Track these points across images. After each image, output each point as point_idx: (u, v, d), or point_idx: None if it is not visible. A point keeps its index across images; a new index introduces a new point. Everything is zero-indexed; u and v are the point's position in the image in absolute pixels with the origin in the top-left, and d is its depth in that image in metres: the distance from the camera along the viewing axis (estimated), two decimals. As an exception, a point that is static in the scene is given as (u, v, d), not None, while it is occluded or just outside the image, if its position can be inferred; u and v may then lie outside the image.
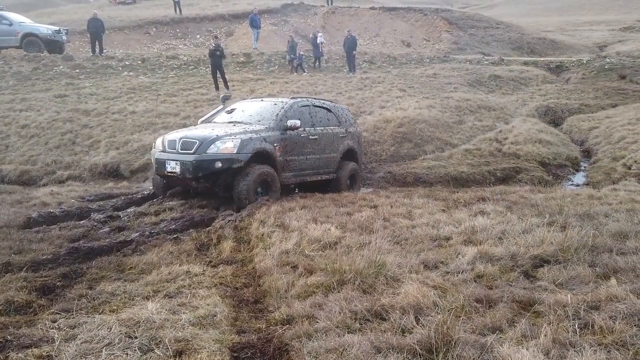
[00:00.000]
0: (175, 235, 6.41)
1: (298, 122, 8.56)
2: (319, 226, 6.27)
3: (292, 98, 9.48)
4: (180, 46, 29.96)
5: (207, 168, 7.44)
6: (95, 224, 7.17)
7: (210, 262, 5.44)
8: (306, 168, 9.11)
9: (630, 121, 12.93)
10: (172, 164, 7.60)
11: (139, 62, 21.66)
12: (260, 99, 9.89)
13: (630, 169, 10.13)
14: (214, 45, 16.80)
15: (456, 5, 71.23)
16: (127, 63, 21.34)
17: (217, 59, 16.60)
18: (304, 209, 7.33)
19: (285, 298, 4.25)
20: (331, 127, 9.73)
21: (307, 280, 4.57)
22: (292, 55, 20.75)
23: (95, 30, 21.57)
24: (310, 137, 9.09)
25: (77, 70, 19.75)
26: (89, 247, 5.86)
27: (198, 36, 31.74)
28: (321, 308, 3.91)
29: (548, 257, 4.78)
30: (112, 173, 11.48)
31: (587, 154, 12.25)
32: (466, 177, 10.56)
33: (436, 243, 5.63)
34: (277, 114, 8.62)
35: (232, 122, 8.75)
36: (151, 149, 8.74)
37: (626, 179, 9.54)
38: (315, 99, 10.53)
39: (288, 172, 8.68)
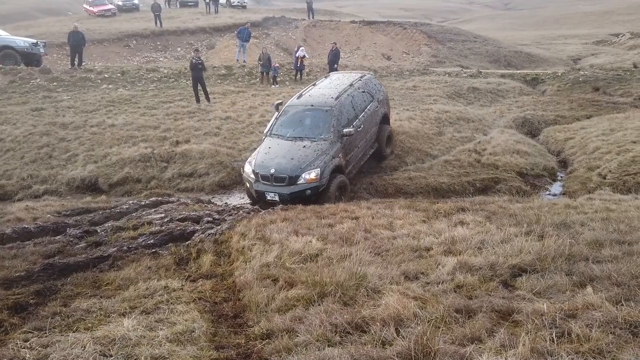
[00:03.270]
0: (153, 250, 6.31)
1: (352, 130, 10.09)
2: (300, 238, 6.24)
3: (336, 99, 10.46)
4: (160, 59, 29.82)
5: (300, 196, 9.18)
6: (71, 239, 7.02)
7: (190, 276, 5.36)
8: (359, 156, 10.84)
9: (604, 132, 13.24)
10: (271, 194, 9.37)
11: (119, 74, 21.47)
12: (311, 105, 10.62)
13: (605, 178, 10.36)
14: (195, 57, 16.75)
15: (435, 19, 72.52)
16: (106, 76, 21.12)
17: (198, 71, 16.55)
18: (285, 221, 7.30)
19: (265, 312, 4.21)
20: (369, 107, 11.29)
21: (287, 294, 4.53)
22: (269, 67, 20.78)
23: (76, 43, 21.33)
24: (358, 129, 10.49)
25: (54, 83, 19.47)
26: (64, 263, 5.73)
27: (179, 49, 31.65)
28: (301, 322, 3.88)
29: (526, 267, 4.83)
30: (90, 187, 11.28)
31: (564, 164, 12.47)
32: (446, 188, 10.66)
33: (417, 254, 5.64)
34: (333, 125, 9.96)
35: (296, 137, 10.02)
36: (242, 173, 10.24)
37: (601, 188, 9.73)
38: (351, 84, 11.29)
39: (349, 167, 10.30)
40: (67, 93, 18.30)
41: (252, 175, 9.61)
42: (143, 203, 9.06)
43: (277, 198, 9.30)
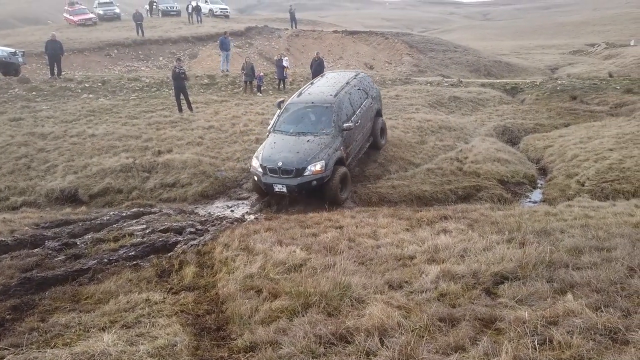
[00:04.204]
0: (135, 262, 6.22)
1: (352, 124, 10.76)
2: (284, 248, 6.22)
3: (334, 96, 11.05)
4: (142, 68, 29.58)
5: (306, 187, 9.82)
6: (50, 252, 6.87)
7: (172, 288, 5.29)
8: (357, 148, 11.54)
9: (582, 140, 13.51)
10: (279, 186, 9.84)
11: (99, 84, 21.22)
12: (311, 102, 11.18)
13: (583, 185, 10.55)
14: (177, 67, 16.66)
15: (416, 29, 73.55)
16: (86, 85, 20.86)
17: (180, 80, 16.45)
18: (269, 231, 7.28)
19: (249, 324, 4.17)
20: (364, 103, 12.01)
21: (271, 305, 4.50)
22: (252, 77, 20.80)
23: (54, 52, 21.04)
24: (356, 124, 11.11)
25: (33, 93, 19.15)
26: (42, 277, 5.60)
27: (161, 58, 31.45)
28: (285, 333, 3.85)
29: (508, 274, 4.89)
30: (70, 198, 11.06)
31: (543, 171, 12.67)
32: (429, 196, 10.73)
33: (400, 262, 5.67)
34: (333, 120, 10.54)
35: (300, 132, 10.55)
36: (249, 168, 10.82)
37: (580, 195, 9.91)
38: (347, 82, 11.98)
39: (349, 159, 10.94)
40: (47, 103, 18.01)
41: (260, 169, 10.06)
42: (124, 214, 8.93)
43: (285, 189, 9.84)
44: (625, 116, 16.42)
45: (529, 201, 10.80)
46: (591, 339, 3.43)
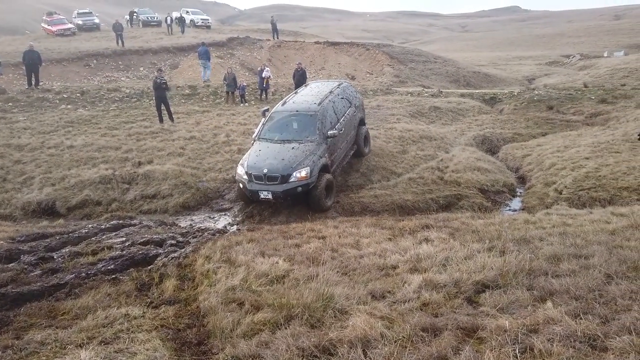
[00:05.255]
0: (114, 276, 6.10)
1: (336, 132, 10.94)
2: (266, 260, 6.18)
3: (319, 104, 11.19)
4: (122, 78, 29.28)
5: (292, 193, 9.89)
6: (26, 266, 6.68)
7: (152, 302, 5.19)
8: (341, 156, 11.69)
9: (559, 149, 13.80)
10: (265, 192, 9.90)
11: (78, 94, 20.93)
12: (296, 111, 11.30)
13: (561, 193, 10.75)
14: (158, 77, 16.54)
15: (396, 40, 74.56)
16: (65, 96, 20.55)
17: (161, 91, 16.34)
18: (251, 242, 7.22)
19: (231, 338, 4.11)
20: (348, 112, 12.21)
21: (253, 318, 4.45)
22: (234, 87, 20.80)
23: (32, 62, 20.74)
24: (340, 132, 11.27)
25: (10, 104, 18.78)
26: (18, 293, 5.45)
27: (141, 68, 31.19)
28: (268, 347, 3.81)
29: (489, 282, 4.93)
30: (47, 211, 10.83)
31: (522, 180, 12.88)
32: (411, 205, 10.80)
33: (383, 272, 5.67)
34: (318, 128, 10.67)
35: (285, 140, 10.64)
36: (235, 175, 10.83)
37: (558, 203, 10.09)
38: (331, 92, 12.14)
39: (334, 167, 11.06)
40: (24, 114, 17.69)
41: (245, 176, 10.11)
42: (103, 227, 8.77)
43: (270, 196, 9.90)
44: (600, 125, 16.84)
45: (509, 209, 10.95)
46: (571, 347, 3.47)
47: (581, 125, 17.44)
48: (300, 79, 21.09)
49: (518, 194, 12.01)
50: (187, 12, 45.29)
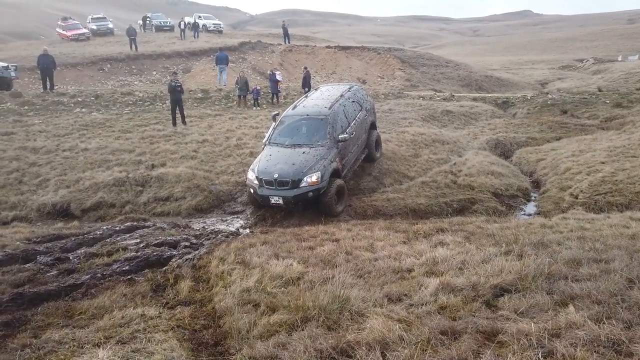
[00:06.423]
0: (129, 277, 6.12)
1: (347, 136, 10.81)
2: (280, 262, 6.16)
3: (329, 108, 11.13)
4: (135, 82, 29.56)
5: (303, 198, 9.79)
6: (42, 267, 6.74)
7: (167, 303, 5.20)
8: (352, 160, 11.59)
9: (574, 153, 13.64)
10: (276, 198, 9.79)
11: (92, 98, 21.15)
12: (306, 115, 11.26)
13: (577, 198, 10.61)
14: (173, 80, 16.67)
15: (407, 45, 74.46)
16: (79, 99, 20.78)
17: (177, 94, 16.47)
18: (265, 245, 7.22)
19: (247, 339, 4.09)
20: (359, 115, 12.07)
21: (269, 319, 4.43)
22: (245, 91, 20.93)
23: (46, 66, 21.00)
24: (351, 136, 11.16)
25: (25, 107, 19.03)
26: (35, 292, 5.49)
27: (154, 72, 31.48)
28: (285, 348, 3.78)
29: (507, 286, 4.86)
30: (62, 213, 10.92)
31: (537, 184, 12.75)
32: (424, 209, 10.72)
33: (399, 275, 5.62)
34: (329, 132, 10.59)
35: (295, 144, 10.59)
36: (245, 179, 10.91)
37: (574, 208, 9.96)
38: (341, 95, 12.01)
39: (344, 171, 11.00)
40: (39, 117, 17.91)
41: (256, 182, 10.04)
42: (117, 228, 8.82)
43: (281, 201, 9.81)
44: (615, 130, 16.62)
45: (524, 214, 10.83)
46: (595, 352, 3.40)
47: (596, 129, 17.24)
48: (304, 82, 21.95)
49: (533, 198, 11.88)
50: (200, 17, 45.69)
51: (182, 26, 39.99)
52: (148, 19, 46.46)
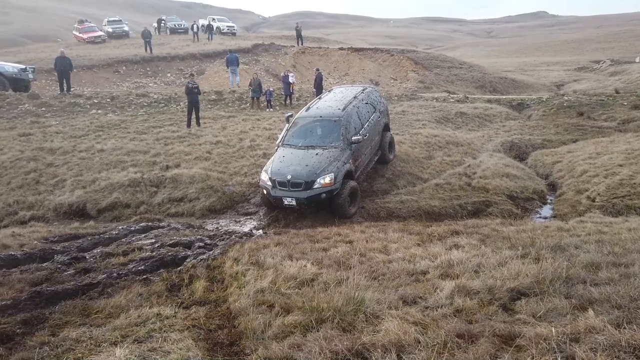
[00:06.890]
0: (144, 276, 6.17)
1: (360, 138, 10.78)
2: (294, 263, 6.16)
3: (343, 110, 11.14)
4: (150, 84, 29.88)
5: (316, 200, 9.79)
6: (59, 266, 6.84)
7: (182, 303, 5.23)
8: (365, 162, 11.56)
9: (591, 155, 13.44)
10: (289, 199, 9.81)
11: (108, 100, 21.43)
12: (320, 116, 11.26)
13: (594, 201, 10.45)
14: (190, 82, 16.81)
15: (420, 46, 74.13)
16: (95, 101, 21.06)
17: (194, 95, 16.60)
18: (278, 246, 7.22)
19: (262, 339, 4.10)
20: (372, 117, 12.05)
21: (284, 320, 4.43)
22: (259, 93, 21.03)
23: (63, 68, 21.32)
24: (364, 137, 11.12)
25: (43, 109, 19.34)
26: (52, 291, 5.56)
27: (169, 74, 31.79)
28: (300, 349, 3.78)
29: (525, 290, 4.80)
30: (78, 213, 11.06)
31: (552, 187, 12.58)
32: (438, 211, 10.65)
33: (413, 278, 5.59)
34: (342, 133, 10.59)
35: (308, 146, 10.61)
36: (259, 181, 10.81)
37: (591, 211, 9.80)
38: (355, 97, 12.01)
39: (358, 173, 11.00)
40: (56, 118, 18.18)
41: (269, 183, 10.07)
42: (133, 228, 8.91)
43: (294, 203, 9.82)
44: (633, 132, 16.36)
45: (540, 217, 10.70)
46: (615, 357, 3.34)
47: (613, 131, 16.98)
48: (320, 83, 22.01)
49: (548, 201, 11.73)
50: (214, 19, 46.08)
51: (195, 29, 40.34)
52: (163, 22, 46.98)
